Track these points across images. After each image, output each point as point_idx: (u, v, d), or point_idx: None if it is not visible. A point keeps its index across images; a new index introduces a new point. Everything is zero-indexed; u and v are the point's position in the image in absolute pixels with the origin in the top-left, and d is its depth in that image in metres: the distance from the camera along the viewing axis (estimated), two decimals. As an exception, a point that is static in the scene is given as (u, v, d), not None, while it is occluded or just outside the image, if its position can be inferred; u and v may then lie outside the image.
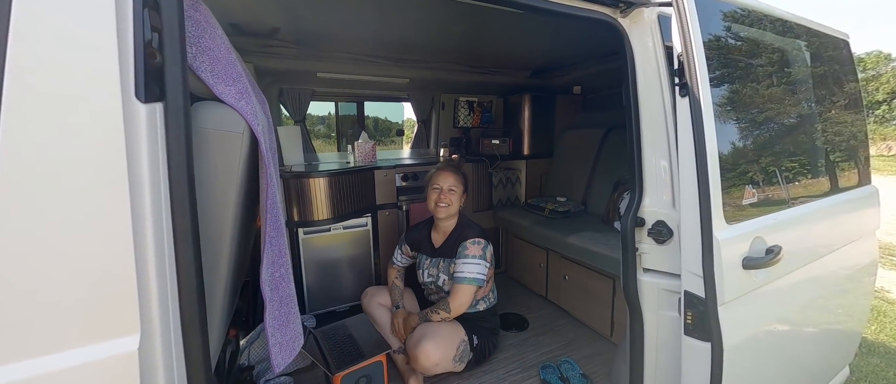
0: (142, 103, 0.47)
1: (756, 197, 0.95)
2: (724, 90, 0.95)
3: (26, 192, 0.40)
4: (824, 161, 1.17)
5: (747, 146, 0.98)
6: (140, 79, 0.47)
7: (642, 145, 1.04)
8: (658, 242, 1.04)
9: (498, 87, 2.67)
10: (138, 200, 0.46)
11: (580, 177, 2.29)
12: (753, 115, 1.02)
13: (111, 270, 0.44)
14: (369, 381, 1.30)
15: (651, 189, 1.04)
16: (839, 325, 1.28)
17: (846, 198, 1.21)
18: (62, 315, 0.42)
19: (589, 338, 1.76)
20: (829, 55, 1.27)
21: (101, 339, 0.43)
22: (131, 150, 0.45)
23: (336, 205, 1.84)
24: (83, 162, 0.42)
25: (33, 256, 0.41)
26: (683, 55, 0.87)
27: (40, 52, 0.41)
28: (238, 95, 0.67)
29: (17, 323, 0.40)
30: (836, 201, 1.17)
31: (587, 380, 1.41)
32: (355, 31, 1.61)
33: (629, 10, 1.03)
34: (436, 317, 1.40)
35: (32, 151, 0.40)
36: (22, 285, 0.40)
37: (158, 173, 0.49)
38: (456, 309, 1.39)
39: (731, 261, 0.86)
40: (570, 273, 1.93)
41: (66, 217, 0.42)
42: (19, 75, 0.40)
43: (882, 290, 3.12)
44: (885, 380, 1.98)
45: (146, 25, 0.48)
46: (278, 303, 0.83)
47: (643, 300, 1.06)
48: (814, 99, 1.17)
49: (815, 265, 1.09)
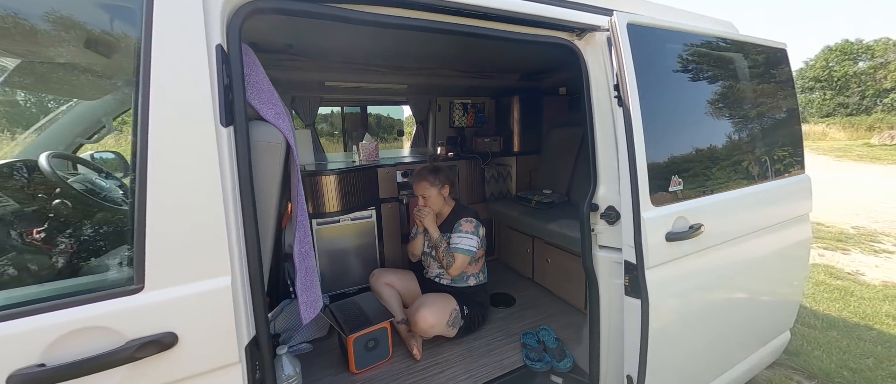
0: (223, 127, 0.72)
1: (682, 185, 1.18)
2: (659, 99, 1.18)
3: (166, 186, 0.65)
4: (751, 155, 1.39)
5: (677, 144, 1.21)
6: (221, 111, 0.72)
7: (596, 145, 1.28)
8: (609, 223, 1.28)
9: (490, 89, 2.90)
10: (225, 191, 0.71)
11: (564, 171, 2.52)
12: (684, 119, 1.24)
13: (215, 234, 0.69)
14: (376, 343, 1.56)
15: (603, 180, 1.28)
16: (770, 293, 1.51)
17: (774, 186, 1.43)
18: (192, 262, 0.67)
19: (566, 312, 2.00)
20: (764, 63, 1.48)
21: (211, 277, 0.68)
22: (220, 158, 0.70)
23: (345, 199, 2.10)
24: (196, 167, 0.68)
25: (170, 225, 0.66)
26: (618, 72, 1.10)
27: (170, 96, 0.66)
28: (276, 115, 0.92)
29: (170, 264, 0.65)
30: (764, 188, 1.40)
31: (560, 343, 1.66)
32: (358, 45, 1.85)
33: (583, 35, 1.26)
34: (440, 258, 1.70)
35: (167, 158, 0.65)
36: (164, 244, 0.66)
37: (234, 174, 0.74)
38: (453, 269, 1.68)
39: (655, 236, 1.09)
40: (551, 256, 2.17)
41: (187, 200, 0.67)
42: (158, 110, 0.65)
43: (856, 273, 3.31)
44: (838, 348, 2.21)
45: (224, 74, 0.73)
46: (305, 271, 1.09)
47: (599, 271, 1.30)
48: (743, 103, 1.39)
49: (744, 241, 1.32)
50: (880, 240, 4.16)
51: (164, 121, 0.65)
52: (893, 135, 12.25)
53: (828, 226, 4.70)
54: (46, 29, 0.89)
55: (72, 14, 0.87)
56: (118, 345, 0.60)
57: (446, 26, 1.05)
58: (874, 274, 3.30)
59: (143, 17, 0.65)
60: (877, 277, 3.23)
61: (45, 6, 0.84)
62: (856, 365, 2.05)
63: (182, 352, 0.65)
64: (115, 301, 0.62)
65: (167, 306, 0.64)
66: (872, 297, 2.83)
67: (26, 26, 0.90)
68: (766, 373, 2.00)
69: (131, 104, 0.66)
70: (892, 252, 3.81)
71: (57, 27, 0.89)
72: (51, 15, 0.87)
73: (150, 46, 0.65)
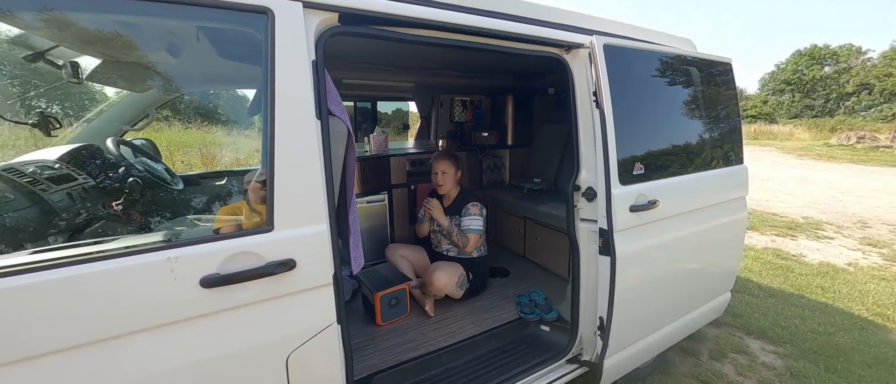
0: (317, 119, 1.02)
1: (643, 170, 1.53)
2: (628, 102, 1.52)
3: (286, 160, 0.95)
4: (700, 148, 1.77)
5: (642, 138, 1.56)
6: (317, 107, 1.01)
7: (580, 138, 1.62)
8: (588, 201, 1.62)
9: (487, 88, 3.21)
10: (320, 166, 1.01)
11: (552, 162, 2.88)
12: (646, 119, 1.60)
13: (313, 193, 0.99)
14: (397, 301, 1.87)
15: (585, 166, 1.62)
16: (714, 260, 1.90)
17: (717, 173, 1.82)
18: (303, 213, 0.97)
19: (553, 280, 2.37)
20: (712, 74, 1.86)
21: (315, 224, 0.98)
22: (319, 140, 1.00)
23: (361, 184, 2.39)
24: (304, 145, 0.97)
25: (290, 184, 0.95)
26: (596, 83, 1.44)
27: (288, 95, 0.95)
28: (340, 111, 1.21)
29: (290, 213, 0.95)
30: (709, 174, 1.77)
31: (547, 301, 2.02)
32: (375, 50, 2.13)
33: (571, 50, 1.59)
34: (455, 241, 2.01)
35: (287, 140, 0.94)
36: (286, 197, 0.95)
37: (324, 153, 1.04)
38: (469, 247, 2.01)
39: (622, 207, 1.44)
40: (541, 235, 2.53)
41: (300, 170, 0.97)
42: (281, 106, 0.94)
43: (800, 255, 3.83)
44: (773, 311, 2.66)
45: (316, 81, 1.02)
46: (354, 233, 1.39)
47: (580, 239, 1.65)
48: (694, 106, 1.76)
49: (692, 216, 1.70)
50: (824, 228, 4.73)
51: (285, 113, 0.94)
52: (851, 136, 13.27)
53: (781, 216, 5.27)
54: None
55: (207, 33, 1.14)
56: (261, 265, 0.90)
57: (463, 44, 1.35)
58: (814, 256, 3.83)
59: (268, 42, 0.93)
60: (816, 258, 3.75)
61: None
62: (786, 324, 2.50)
63: (299, 272, 0.95)
64: (257, 236, 0.91)
65: (289, 241, 0.94)
66: (808, 273, 3.33)
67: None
68: (712, 330, 2.43)
69: (261, 104, 0.94)
70: (832, 238, 4.37)
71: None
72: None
73: (274, 61, 0.93)
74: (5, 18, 1.11)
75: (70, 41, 1.29)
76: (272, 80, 0.93)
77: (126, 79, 1.77)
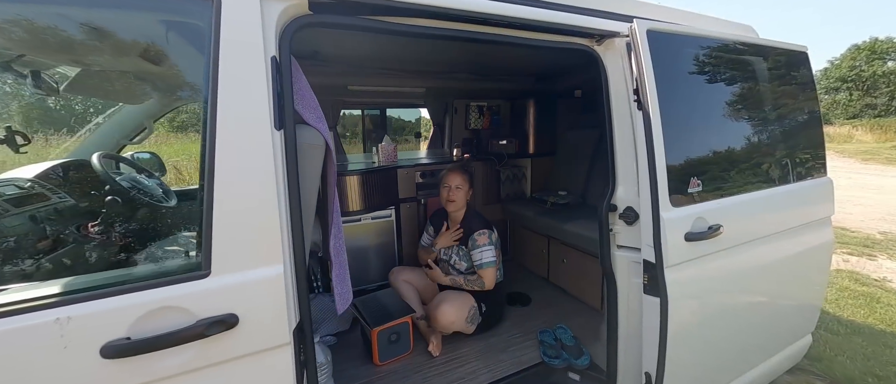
0: (277, 130, 0.80)
1: (700, 187, 1.21)
2: (678, 102, 1.21)
3: (229, 183, 0.73)
4: (772, 157, 1.41)
5: (696, 147, 1.24)
6: (275, 116, 0.80)
7: (615, 147, 1.31)
8: (628, 224, 1.31)
9: (506, 92, 2.94)
10: (278, 188, 0.79)
11: (580, 172, 2.55)
12: (704, 122, 1.27)
13: (272, 224, 0.76)
14: (399, 337, 1.62)
15: (622, 181, 1.32)
16: (792, 297, 1.51)
17: (795, 188, 1.44)
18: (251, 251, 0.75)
19: (582, 311, 2.03)
20: (783, 66, 1.49)
21: (267, 265, 0.76)
22: (275, 158, 0.78)
23: (366, 198, 2.18)
24: (255, 166, 0.75)
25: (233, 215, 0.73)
26: (638, 77, 1.14)
27: (233, 102, 0.74)
28: (317, 119, 1.00)
29: (232, 252, 0.73)
30: (784, 191, 1.40)
31: (577, 341, 1.69)
32: (380, 51, 1.93)
33: (603, 41, 1.30)
34: (468, 286, 1.74)
35: (231, 159, 0.73)
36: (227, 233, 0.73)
37: (284, 170, 0.82)
38: (488, 285, 1.72)
39: (674, 236, 1.12)
40: (567, 257, 2.20)
41: (247, 196, 0.75)
42: (224, 115, 0.73)
43: (883, 280, 3.22)
44: (863, 355, 2.16)
45: (277, 82, 0.81)
46: (339, 265, 1.16)
47: (617, 270, 1.34)
48: (762, 106, 1.40)
49: (764, 243, 1.34)
50: (909, 246, 4.01)
51: (229, 125, 0.73)
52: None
53: (853, 231, 4.56)
54: (118, 41, 0.99)
55: (143, 30, 0.96)
56: (190, 324, 0.68)
57: (469, 35, 1.11)
58: (902, 281, 3.20)
59: (211, 33, 0.73)
60: (905, 284, 3.13)
61: (122, 23, 0.94)
62: (882, 372, 2.01)
63: (242, 331, 0.72)
64: (187, 284, 0.70)
65: (230, 290, 0.72)
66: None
67: (97, 38, 1.01)
68: (787, 377, 1.98)
69: (201, 111, 0.74)
70: (921, 258, 3.68)
71: (126, 40, 0.99)
72: (120, 29, 0.97)
73: (217, 58, 0.73)
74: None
75: (23, 45, 1.16)
76: (214, 82, 0.73)
77: (103, 89, 1.65)
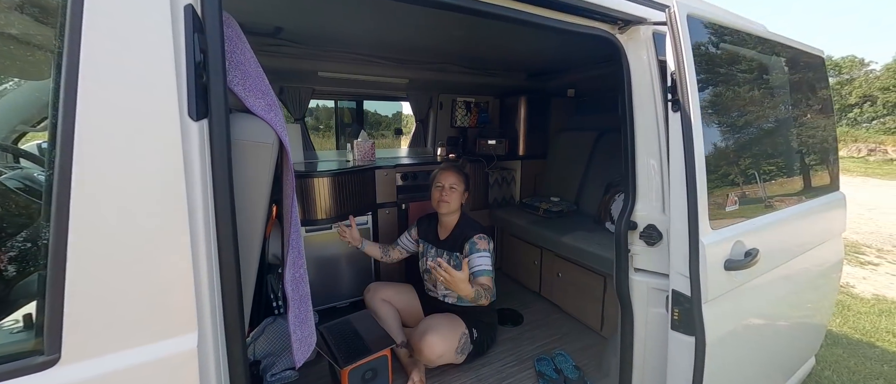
0: (194, 121, 0.51)
1: (738, 204, 1.04)
2: (713, 105, 1.03)
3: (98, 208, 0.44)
4: (801, 170, 1.28)
5: (732, 157, 1.07)
6: (192, 99, 0.51)
7: (636, 154, 1.12)
8: (649, 244, 1.12)
9: (495, 88, 2.73)
10: (194, 211, 0.50)
11: (573, 178, 2.38)
12: (738, 127, 1.10)
13: (172, 273, 0.48)
14: (375, 375, 1.35)
15: (643, 195, 1.12)
16: (808, 319, 1.40)
17: (818, 203, 1.32)
18: (130, 316, 0.46)
19: (581, 333, 1.85)
20: (806, 70, 1.37)
21: (166, 337, 0.47)
22: (188, 164, 0.49)
23: (338, 203, 1.88)
24: (148, 177, 0.46)
25: (104, 263, 0.45)
26: (676, 73, 0.95)
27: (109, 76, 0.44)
28: (267, 108, 0.71)
29: (87, 323, 0.44)
30: (809, 207, 1.28)
31: (580, 372, 1.50)
32: (357, 31, 1.64)
33: (626, 28, 1.09)
34: (485, 299, 1.37)
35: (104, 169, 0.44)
36: (93, 289, 0.44)
37: (206, 185, 0.53)
38: (489, 294, 1.39)
39: (714, 264, 0.94)
40: (563, 270, 2.02)
41: (131, 226, 0.46)
42: (89, 97, 0.43)
43: (847, 286, 3.33)
44: (846, 368, 2.15)
45: (196, 48, 0.52)
46: (299, 302, 0.88)
47: (634, 298, 1.15)
48: (792, 112, 1.27)
49: (789, 265, 1.20)
50: (864, 251, 4.24)
51: (100, 112, 0.44)
52: (861, 148, 12.92)
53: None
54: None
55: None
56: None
57: (478, 7, 0.87)
58: (863, 287, 3.33)
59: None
60: (867, 290, 3.26)
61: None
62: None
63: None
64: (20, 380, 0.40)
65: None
66: (868, 312, 2.83)
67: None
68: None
69: (50, 89, 0.44)
70: (876, 264, 3.89)
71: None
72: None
73: (81, 3, 0.43)
74: None
75: None
76: (74, 41, 0.43)
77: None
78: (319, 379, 1.52)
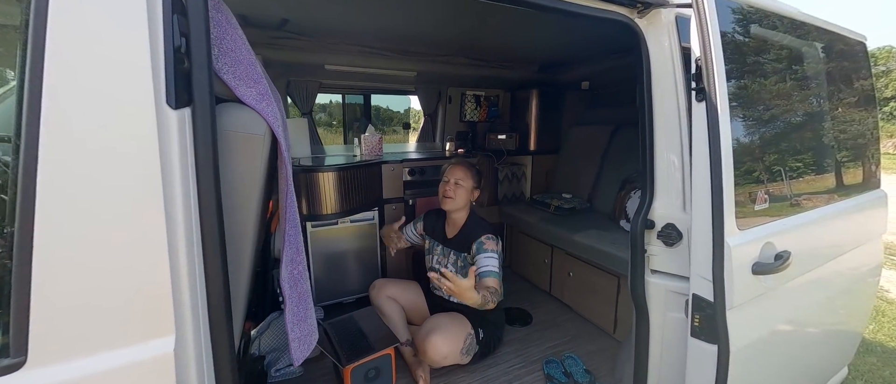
0: (173, 110, 0.48)
1: (768, 202, 0.95)
2: (741, 94, 0.95)
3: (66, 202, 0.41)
4: (837, 167, 1.17)
5: (761, 152, 0.98)
6: (171, 85, 0.47)
7: (655, 148, 1.04)
8: (667, 245, 1.05)
9: (506, 81, 2.65)
10: (171, 205, 0.47)
11: (587, 174, 2.29)
12: (769, 120, 1.01)
13: (147, 273, 0.45)
14: (378, 374, 1.33)
15: (662, 192, 1.05)
16: (842, 327, 1.30)
17: (856, 202, 1.22)
18: (101, 317, 0.43)
19: (592, 335, 1.79)
20: (845, 57, 1.25)
21: (138, 341, 0.44)
22: (165, 157, 0.46)
23: (344, 198, 1.85)
24: (120, 171, 0.43)
25: (73, 261, 0.42)
26: (702, 59, 0.87)
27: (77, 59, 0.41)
28: (259, 97, 0.68)
29: (55, 325, 0.42)
30: (846, 206, 1.18)
31: (590, 376, 1.44)
32: (364, 23, 1.60)
33: (646, 11, 1.01)
34: (493, 302, 1.33)
35: (73, 162, 0.41)
36: (62, 288, 0.41)
37: (188, 179, 0.50)
38: (497, 298, 1.35)
39: (741, 267, 0.87)
40: (574, 270, 1.95)
41: (104, 224, 0.43)
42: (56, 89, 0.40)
43: (882, 290, 3.13)
44: (881, 379, 2.01)
45: (176, 31, 0.48)
46: (297, 300, 0.85)
47: (650, 301, 1.08)
48: (829, 103, 1.16)
49: (822, 269, 1.11)
50: (900, 253, 3.99)
51: (69, 99, 0.40)
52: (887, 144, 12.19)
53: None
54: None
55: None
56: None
57: None
58: (901, 291, 3.13)
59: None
60: (904, 295, 3.05)
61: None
62: (905, 399, 1.86)
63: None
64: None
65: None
66: (906, 318, 2.65)
67: None
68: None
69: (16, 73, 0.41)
70: (914, 267, 3.64)
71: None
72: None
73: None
74: None
75: None
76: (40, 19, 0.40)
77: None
78: (324, 374, 1.51)
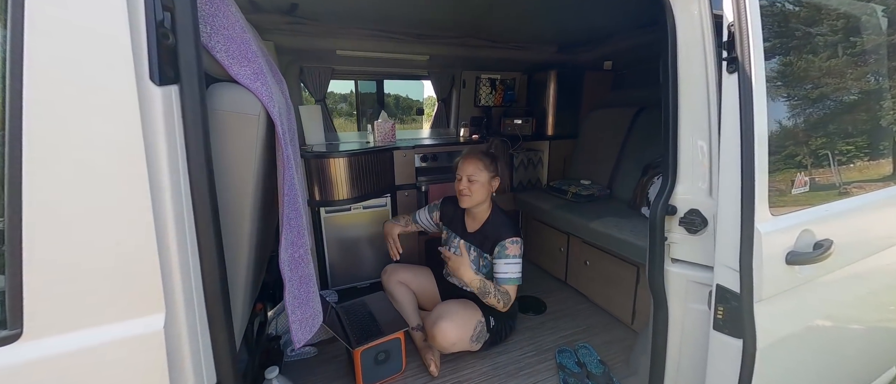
0: (157, 86, 0.47)
1: (808, 185, 0.86)
2: (778, 65, 0.85)
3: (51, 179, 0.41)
4: (884, 145, 1.04)
5: (802, 128, 0.88)
6: (154, 61, 0.46)
7: (679, 127, 0.96)
8: (690, 232, 0.98)
9: (522, 63, 2.55)
10: (157, 183, 0.46)
11: (607, 159, 2.19)
12: (811, 93, 0.90)
13: (133, 252, 0.45)
14: (387, 357, 1.34)
15: (686, 175, 0.97)
16: (890, 323, 1.18)
17: (913, 187, 1.08)
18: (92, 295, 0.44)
19: (608, 325, 1.73)
20: None
21: (128, 318, 0.45)
22: (148, 134, 0.45)
23: (356, 184, 1.86)
24: (102, 147, 0.43)
25: (59, 239, 0.42)
26: (735, 25, 0.78)
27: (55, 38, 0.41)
28: (253, 76, 0.66)
29: (48, 299, 0.42)
30: None
31: (605, 367, 1.40)
32: (374, 6, 1.56)
33: (673, -25, 0.92)
34: (492, 300, 1.36)
35: (55, 138, 0.41)
36: (54, 262, 0.42)
37: (177, 156, 0.49)
38: (506, 305, 1.38)
39: (773, 256, 0.79)
40: (591, 258, 1.88)
41: (89, 201, 0.43)
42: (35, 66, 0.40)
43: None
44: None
45: (157, 5, 0.47)
46: (297, 283, 0.85)
47: (670, 291, 1.01)
48: (889, 81, 1.02)
49: (867, 261, 1.00)
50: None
51: (49, 75, 0.40)
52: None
53: None
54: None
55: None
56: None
57: None
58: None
59: None
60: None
61: None
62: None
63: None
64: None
65: (57, 362, 0.41)
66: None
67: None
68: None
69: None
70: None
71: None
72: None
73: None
74: None
75: None
76: None
77: None
78: (337, 356, 1.54)
